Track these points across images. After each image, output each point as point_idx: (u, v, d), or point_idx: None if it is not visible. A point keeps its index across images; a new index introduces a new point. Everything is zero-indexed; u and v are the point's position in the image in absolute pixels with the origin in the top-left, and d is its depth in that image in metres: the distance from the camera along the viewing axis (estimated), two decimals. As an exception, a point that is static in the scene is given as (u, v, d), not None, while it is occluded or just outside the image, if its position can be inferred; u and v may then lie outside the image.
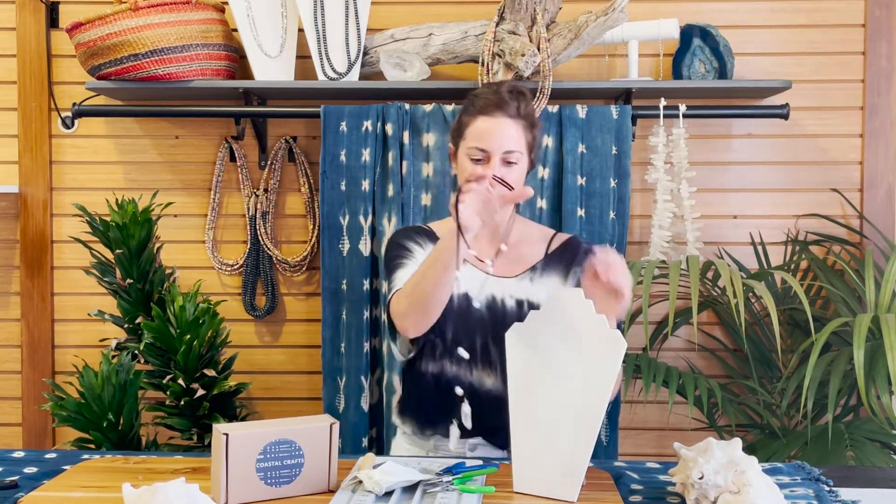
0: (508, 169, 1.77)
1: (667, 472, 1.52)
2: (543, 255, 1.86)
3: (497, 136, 1.76)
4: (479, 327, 1.80)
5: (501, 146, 1.76)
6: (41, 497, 1.41)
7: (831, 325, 2.10)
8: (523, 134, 1.79)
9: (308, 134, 2.74)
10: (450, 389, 1.80)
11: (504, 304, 1.80)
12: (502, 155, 1.76)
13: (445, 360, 1.80)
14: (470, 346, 1.79)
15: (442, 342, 1.80)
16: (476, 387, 1.79)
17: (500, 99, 1.78)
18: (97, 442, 2.27)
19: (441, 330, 1.79)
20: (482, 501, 1.39)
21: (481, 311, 1.80)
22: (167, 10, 2.41)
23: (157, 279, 2.47)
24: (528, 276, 1.83)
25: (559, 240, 1.89)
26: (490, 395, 1.79)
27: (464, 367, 1.79)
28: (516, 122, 1.78)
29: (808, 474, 1.56)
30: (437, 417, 1.83)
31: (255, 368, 2.76)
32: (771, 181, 2.72)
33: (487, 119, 1.78)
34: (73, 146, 2.77)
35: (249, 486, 1.39)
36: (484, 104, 1.79)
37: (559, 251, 1.86)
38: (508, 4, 2.44)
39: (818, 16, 2.70)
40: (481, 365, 1.79)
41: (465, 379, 1.79)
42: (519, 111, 1.78)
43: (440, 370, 1.81)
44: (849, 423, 2.37)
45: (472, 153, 1.78)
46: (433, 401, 1.82)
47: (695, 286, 2.07)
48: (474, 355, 1.79)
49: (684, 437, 2.63)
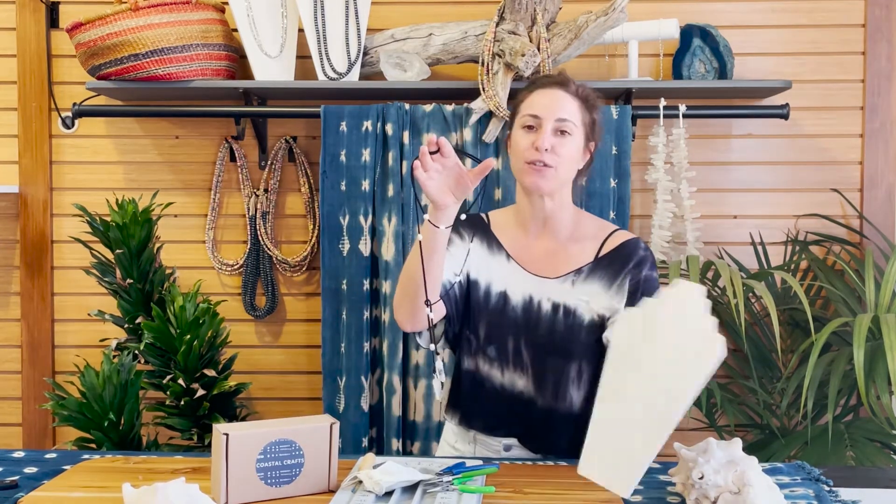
0: (561, 139, 1.68)
1: (667, 472, 1.52)
2: (594, 257, 1.74)
3: (551, 103, 1.69)
4: (511, 329, 1.74)
5: (555, 113, 1.68)
6: (41, 497, 1.41)
7: (831, 325, 2.10)
8: (580, 109, 1.72)
9: (308, 134, 2.74)
10: (482, 386, 1.77)
11: (540, 306, 1.73)
12: (555, 123, 1.68)
13: (479, 357, 1.76)
14: (501, 346, 1.74)
15: (476, 339, 1.76)
16: (508, 388, 1.75)
17: (562, 78, 1.74)
18: (98, 442, 2.27)
19: (475, 327, 1.76)
20: (482, 501, 1.39)
21: (516, 311, 1.74)
22: (167, 10, 2.41)
23: (158, 279, 2.47)
24: (571, 279, 1.73)
25: (614, 241, 1.75)
26: (522, 398, 1.74)
27: (496, 367, 1.75)
28: (574, 97, 1.72)
29: (808, 474, 1.55)
30: (473, 413, 1.80)
31: (255, 368, 2.76)
32: (771, 181, 2.72)
33: (544, 90, 1.72)
34: (73, 146, 2.77)
35: (249, 486, 1.39)
36: (543, 80, 1.75)
37: (611, 255, 1.73)
38: (508, 4, 2.44)
39: (818, 16, 2.70)
40: (513, 367, 1.74)
41: (496, 379, 1.75)
42: (578, 91, 1.73)
43: (475, 367, 1.77)
44: (849, 423, 2.37)
45: (524, 121, 1.70)
46: (469, 396, 1.79)
47: (695, 286, 2.07)
48: (506, 356, 1.74)
49: (684, 437, 2.62)
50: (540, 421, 1.74)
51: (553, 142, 1.67)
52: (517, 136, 1.72)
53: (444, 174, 1.53)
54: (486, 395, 1.76)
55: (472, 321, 1.75)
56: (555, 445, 1.74)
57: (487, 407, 1.77)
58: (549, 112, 1.69)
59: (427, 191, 1.52)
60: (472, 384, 1.78)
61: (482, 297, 1.76)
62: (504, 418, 1.76)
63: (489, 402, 1.77)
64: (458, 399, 1.82)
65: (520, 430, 1.76)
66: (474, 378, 1.77)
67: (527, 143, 1.69)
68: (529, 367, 1.73)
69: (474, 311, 1.76)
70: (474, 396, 1.78)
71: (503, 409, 1.75)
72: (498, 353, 1.74)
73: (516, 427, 1.76)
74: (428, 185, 1.52)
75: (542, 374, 1.72)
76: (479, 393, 1.77)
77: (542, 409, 1.73)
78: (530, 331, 1.72)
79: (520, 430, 1.76)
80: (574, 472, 1.42)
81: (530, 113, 1.70)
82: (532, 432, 1.75)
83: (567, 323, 1.71)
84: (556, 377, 1.71)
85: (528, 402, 1.74)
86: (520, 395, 1.74)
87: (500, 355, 1.74)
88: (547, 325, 1.72)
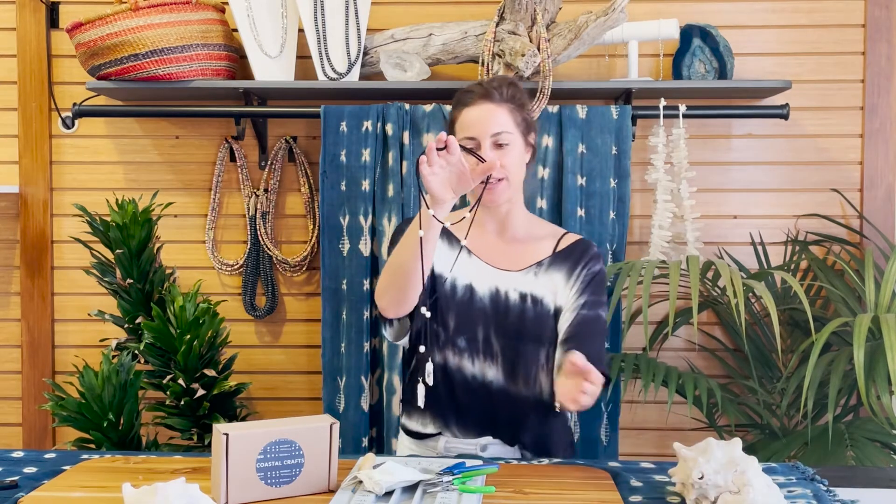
0: (502, 152, 1.77)
1: (666, 472, 1.52)
2: (551, 252, 1.85)
3: (481, 121, 1.77)
4: (481, 318, 1.80)
5: (488, 130, 1.76)
6: (41, 497, 1.41)
7: (831, 325, 2.10)
8: (510, 115, 1.79)
9: (308, 134, 2.74)
10: (453, 379, 1.80)
11: (507, 296, 1.81)
12: (491, 138, 1.76)
13: (448, 349, 1.80)
14: (471, 336, 1.80)
15: (444, 331, 1.80)
16: (479, 378, 1.80)
17: (482, 90, 1.81)
18: (97, 442, 2.27)
19: (443, 319, 1.80)
20: (482, 501, 1.39)
21: (484, 301, 1.81)
22: (167, 10, 2.41)
23: (158, 279, 2.47)
24: (534, 271, 1.83)
25: (568, 240, 1.88)
26: (492, 387, 1.79)
27: (466, 358, 1.80)
28: (500, 106, 1.79)
29: (803, 474, 1.55)
30: (445, 411, 1.82)
31: (255, 368, 2.76)
32: (771, 181, 2.72)
33: (472, 108, 1.80)
34: (74, 146, 2.77)
35: (249, 486, 1.39)
36: (468, 97, 1.82)
37: (567, 251, 1.85)
38: (508, 4, 2.44)
39: (818, 16, 2.70)
40: (483, 356, 1.79)
41: (467, 370, 1.80)
42: (502, 95, 1.80)
43: (444, 360, 1.81)
44: (849, 423, 2.37)
45: (464, 143, 1.77)
46: (439, 393, 1.81)
47: (695, 286, 2.07)
48: (476, 346, 1.79)
49: (684, 437, 2.62)
50: (510, 410, 1.80)
51: (495, 156, 1.75)
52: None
53: (447, 170, 1.57)
54: (457, 388, 1.80)
55: (440, 314, 1.79)
56: (526, 434, 1.80)
57: (459, 401, 1.80)
58: (483, 130, 1.77)
59: (429, 185, 1.56)
60: (442, 378, 1.81)
61: (448, 291, 1.81)
62: (475, 411, 1.80)
63: (461, 395, 1.80)
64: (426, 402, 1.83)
65: (491, 423, 1.80)
66: (444, 372, 1.81)
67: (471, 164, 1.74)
68: (500, 355, 1.79)
69: (442, 304, 1.81)
70: (445, 391, 1.81)
71: (475, 401, 1.80)
72: (468, 343, 1.79)
73: (487, 419, 1.80)
74: (431, 181, 1.55)
75: (512, 362, 1.78)
76: (450, 387, 1.81)
77: (513, 397, 1.79)
78: (499, 319, 1.79)
79: (491, 423, 1.80)
80: (574, 472, 1.42)
81: (466, 136, 1.79)
82: (503, 423, 1.80)
83: (536, 310, 1.79)
84: (527, 364, 1.78)
85: (499, 392, 1.79)
86: (490, 385, 1.80)
87: (471, 345, 1.79)
88: (516, 313, 1.79)
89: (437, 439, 1.83)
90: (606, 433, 2.50)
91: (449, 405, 1.82)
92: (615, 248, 2.50)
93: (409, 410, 1.89)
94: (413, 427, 1.87)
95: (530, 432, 1.81)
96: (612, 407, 2.50)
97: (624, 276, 2.22)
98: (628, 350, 2.65)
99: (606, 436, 2.49)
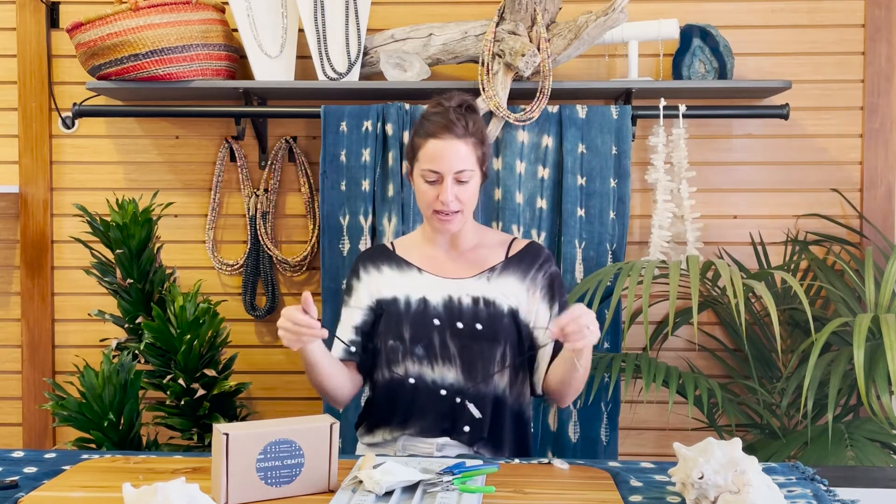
0: (461, 187, 1.84)
1: (666, 472, 1.52)
2: (504, 258, 1.93)
3: (447, 158, 1.83)
4: (435, 325, 1.86)
5: (452, 167, 1.83)
6: (41, 497, 1.41)
7: (831, 325, 2.10)
8: (473, 151, 1.85)
9: (308, 134, 2.74)
10: (415, 390, 1.86)
11: (461, 301, 1.88)
12: (454, 175, 1.83)
13: (407, 360, 1.86)
14: (428, 343, 1.85)
15: (402, 344, 1.86)
16: (439, 383, 1.85)
17: (447, 120, 1.84)
18: (98, 442, 2.27)
19: (399, 334, 1.86)
20: (482, 501, 1.39)
21: (438, 309, 1.87)
22: (167, 10, 2.41)
23: (158, 279, 2.47)
24: (486, 276, 1.90)
25: (518, 245, 1.96)
26: (453, 389, 1.84)
27: (425, 365, 1.85)
28: (465, 142, 1.84)
29: (803, 474, 1.55)
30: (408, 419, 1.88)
31: (255, 368, 2.76)
32: (771, 181, 2.72)
33: (437, 142, 1.84)
34: (74, 146, 2.77)
35: (249, 486, 1.39)
36: (433, 127, 1.85)
37: (518, 256, 1.93)
38: (508, 4, 2.45)
39: (818, 16, 2.70)
40: (441, 360, 1.85)
41: (427, 377, 1.85)
42: (467, 129, 1.84)
43: (404, 372, 1.86)
44: (849, 423, 2.37)
45: (426, 175, 1.85)
46: (401, 403, 1.87)
47: (695, 286, 2.07)
48: (433, 352, 1.85)
49: (684, 437, 2.62)
50: (468, 411, 1.84)
51: (456, 191, 1.84)
52: (420, 185, 1.87)
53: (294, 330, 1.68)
54: (418, 397, 1.85)
55: (396, 331, 1.87)
56: (484, 431, 1.84)
57: (421, 408, 1.85)
58: (447, 167, 1.83)
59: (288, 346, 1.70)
60: (402, 390, 1.86)
61: (403, 309, 1.89)
62: (434, 413, 1.84)
63: (422, 402, 1.85)
64: (390, 412, 1.89)
65: (450, 426, 1.84)
66: (404, 384, 1.86)
67: (431, 196, 1.85)
68: (457, 357, 1.85)
69: (396, 322, 1.88)
70: (407, 402, 1.86)
71: (435, 405, 1.84)
72: (426, 351, 1.85)
73: (448, 422, 1.84)
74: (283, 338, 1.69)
75: (470, 362, 1.84)
76: (412, 396, 1.86)
77: (471, 396, 1.83)
78: (453, 323, 1.85)
79: (450, 426, 1.84)
80: (574, 472, 1.42)
81: (430, 168, 1.84)
82: (462, 424, 1.83)
83: (489, 311, 1.86)
84: (485, 363, 1.84)
85: (458, 393, 1.84)
86: (450, 388, 1.84)
87: (428, 352, 1.85)
88: (469, 315, 1.86)
89: (397, 440, 1.88)
90: (606, 433, 2.50)
91: (409, 413, 1.86)
92: (615, 248, 2.50)
93: (369, 427, 1.94)
94: (375, 441, 1.92)
95: (485, 431, 1.84)
96: (612, 407, 2.51)
97: (624, 276, 2.21)
98: (628, 350, 2.65)
99: (606, 435, 2.49)
